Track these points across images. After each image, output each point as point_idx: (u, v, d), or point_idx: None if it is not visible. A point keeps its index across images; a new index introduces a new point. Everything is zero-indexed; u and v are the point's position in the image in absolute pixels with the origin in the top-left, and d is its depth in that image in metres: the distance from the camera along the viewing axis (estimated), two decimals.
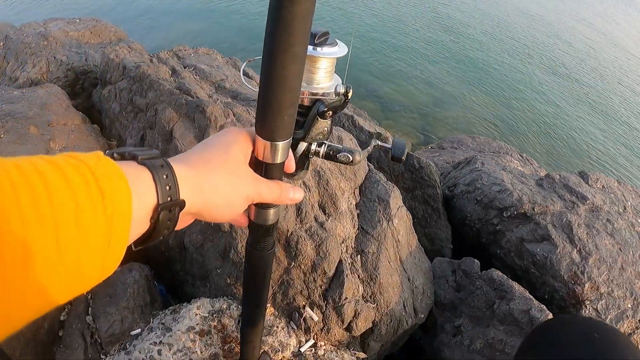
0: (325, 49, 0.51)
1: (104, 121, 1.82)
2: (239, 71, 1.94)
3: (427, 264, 1.42)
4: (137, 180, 0.33)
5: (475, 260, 1.49)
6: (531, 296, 1.31)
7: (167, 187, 0.35)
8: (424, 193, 1.66)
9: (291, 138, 0.50)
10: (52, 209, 0.25)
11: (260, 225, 0.66)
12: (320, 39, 0.52)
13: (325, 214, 1.24)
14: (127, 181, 0.31)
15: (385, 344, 1.25)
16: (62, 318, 1.33)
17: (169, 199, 0.35)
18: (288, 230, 1.16)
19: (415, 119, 4.44)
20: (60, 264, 0.26)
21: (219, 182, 0.41)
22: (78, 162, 0.28)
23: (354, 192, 1.36)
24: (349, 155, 0.60)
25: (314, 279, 1.14)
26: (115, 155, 0.36)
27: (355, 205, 1.33)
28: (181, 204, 0.37)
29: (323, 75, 0.54)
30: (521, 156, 2.55)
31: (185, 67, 1.86)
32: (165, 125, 1.35)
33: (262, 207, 0.60)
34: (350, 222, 1.26)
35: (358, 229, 1.27)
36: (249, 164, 0.47)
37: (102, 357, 1.19)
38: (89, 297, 1.25)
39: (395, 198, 1.40)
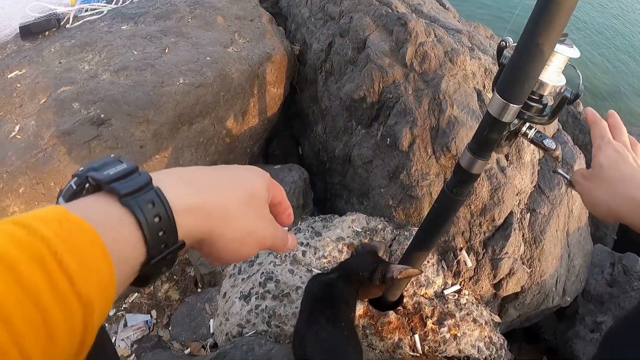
0: (563, 48, 0.72)
1: (290, 25, 2.10)
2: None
3: (589, 246, 1.62)
4: (117, 236, 0.33)
5: (639, 258, 1.66)
6: None
7: (160, 233, 0.35)
8: None
9: (520, 107, 0.73)
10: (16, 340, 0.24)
11: (465, 171, 0.89)
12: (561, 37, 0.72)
13: (507, 159, 1.43)
14: (104, 246, 0.30)
15: (523, 314, 1.50)
16: None
17: (162, 246, 0.36)
18: None
19: None
20: None
21: (234, 213, 0.42)
22: (33, 243, 0.27)
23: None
24: (552, 146, 0.80)
25: (480, 223, 1.37)
26: (89, 180, 0.36)
27: (538, 160, 1.50)
28: (180, 247, 0.38)
29: (555, 70, 0.75)
30: None
31: None
32: (359, 33, 1.54)
33: (476, 154, 0.84)
34: (530, 176, 1.45)
35: (535, 185, 1.47)
36: None
37: None
38: None
39: (580, 165, 1.56)
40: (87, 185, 0.36)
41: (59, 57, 1.79)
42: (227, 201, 0.42)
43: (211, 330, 1.44)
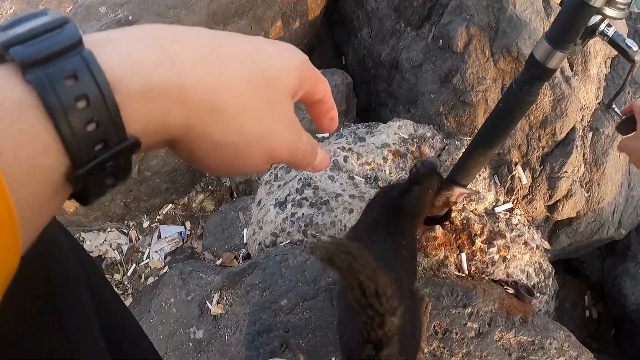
0: None
1: None
2: None
3: None
4: (11, 130, 0.20)
5: None
6: None
7: (90, 127, 0.22)
8: None
9: None
10: None
11: (540, 65, 0.77)
12: None
13: (572, 70, 1.29)
14: None
15: (574, 244, 1.40)
16: None
17: (98, 147, 0.23)
18: None
19: None
20: None
21: (231, 102, 0.27)
22: None
23: (606, 61, 1.38)
24: (634, 47, 0.70)
25: (539, 136, 1.25)
26: None
27: (605, 76, 1.36)
28: (131, 149, 0.25)
29: None
30: None
31: None
32: None
33: (556, 44, 0.73)
34: (595, 91, 1.32)
35: (600, 102, 1.33)
36: None
37: None
38: None
39: None
40: None
41: None
42: (222, 82, 0.27)
43: (244, 240, 1.36)
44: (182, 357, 1.19)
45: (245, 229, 1.35)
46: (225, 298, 1.24)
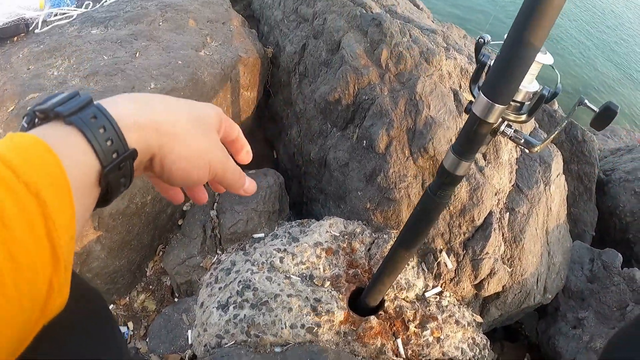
0: (539, 56, 0.72)
1: (263, 28, 2.07)
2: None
3: (569, 243, 1.61)
4: (66, 148, 0.35)
5: (619, 254, 1.66)
6: None
7: (109, 143, 0.37)
8: (579, 169, 1.80)
9: (505, 107, 0.72)
10: None
11: (450, 174, 0.87)
12: None
13: (485, 159, 1.41)
14: (47, 145, 0.33)
15: (505, 314, 1.48)
16: (185, 208, 1.62)
17: (114, 155, 0.38)
18: None
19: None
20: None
21: (182, 130, 0.44)
22: None
23: (516, 146, 1.51)
24: (530, 143, 0.80)
25: (459, 224, 1.34)
26: (37, 114, 0.37)
27: (516, 160, 1.48)
28: (132, 155, 0.39)
29: (529, 76, 0.75)
30: None
31: None
32: (333, 35, 1.50)
33: (461, 155, 0.83)
34: (508, 175, 1.43)
35: (513, 185, 1.45)
36: None
37: (219, 252, 1.48)
38: (217, 193, 1.51)
39: (557, 163, 1.55)
40: (36, 120, 0.38)
41: (28, 63, 1.72)
42: (176, 119, 0.44)
43: (189, 342, 1.38)
44: None
45: (189, 330, 1.38)
46: None
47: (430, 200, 0.95)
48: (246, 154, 0.56)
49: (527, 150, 0.83)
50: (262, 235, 1.40)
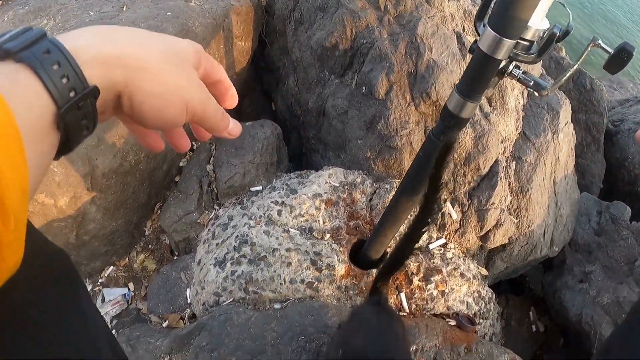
0: None
1: None
2: None
3: (576, 195, 1.56)
4: (15, 89, 0.31)
5: (627, 207, 1.61)
6: None
7: (64, 80, 0.33)
8: (588, 119, 1.74)
9: (515, 42, 0.67)
10: None
11: (454, 116, 0.81)
12: None
13: (490, 105, 1.34)
14: (2, 98, 0.29)
15: (510, 266, 1.44)
16: (181, 164, 1.56)
17: (71, 94, 0.34)
18: None
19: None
20: None
21: (153, 65, 0.39)
22: None
23: (523, 92, 1.43)
24: (540, 86, 0.74)
25: (464, 173, 1.28)
26: None
27: (522, 106, 1.41)
28: (93, 93, 0.35)
29: (540, 13, 0.69)
30: None
31: None
32: None
33: (466, 96, 0.76)
34: (514, 122, 1.37)
35: (520, 132, 1.38)
36: None
37: (216, 207, 1.43)
38: (213, 146, 1.45)
39: (566, 111, 1.48)
40: None
41: (13, 26, 1.65)
42: (146, 53, 0.39)
43: (188, 300, 1.34)
44: None
45: (188, 289, 1.34)
46: None
47: (433, 146, 0.89)
48: (231, 97, 0.50)
49: (536, 94, 0.76)
50: (259, 188, 1.34)
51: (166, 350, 1.21)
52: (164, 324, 1.36)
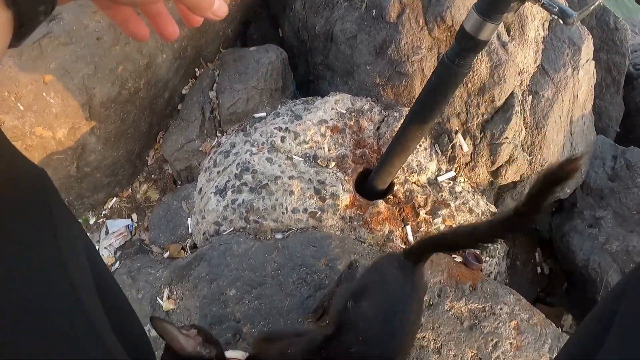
0: None
1: None
2: None
3: (593, 136, 1.50)
4: None
5: None
6: None
7: None
8: (609, 59, 1.66)
9: None
10: None
11: (471, 37, 0.74)
12: None
13: (509, 35, 1.26)
14: None
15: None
16: (184, 92, 1.51)
17: None
18: None
19: None
20: None
21: None
22: None
23: (544, 24, 1.35)
24: (566, 13, 0.67)
25: (477, 103, 1.22)
26: None
27: (542, 39, 1.33)
28: None
29: None
30: None
31: None
32: None
33: (486, 15, 0.70)
34: (533, 55, 1.29)
35: (539, 66, 1.31)
36: None
37: (218, 135, 1.38)
38: (217, 72, 1.39)
39: (588, 47, 1.40)
40: None
41: None
42: None
43: (189, 230, 1.32)
44: None
45: (189, 219, 1.31)
46: (175, 292, 1.20)
47: (447, 70, 0.83)
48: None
49: (560, 21, 0.70)
50: (263, 114, 1.29)
51: (166, 281, 1.20)
52: (165, 255, 1.34)
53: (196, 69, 1.55)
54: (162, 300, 1.18)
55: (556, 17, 0.70)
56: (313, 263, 1.11)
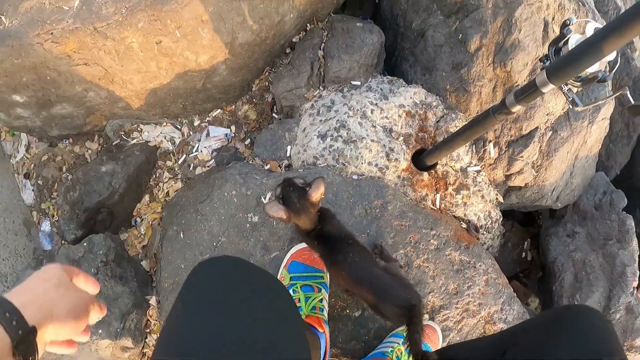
0: None
1: None
2: None
3: (591, 172, 2.31)
4: None
5: (625, 198, 2.29)
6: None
7: (13, 322, 0.59)
8: (630, 117, 2.43)
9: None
10: None
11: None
12: None
13: None
14: None
15: (520, 203, 2.24)
16: (294, 40, 2.31)
17: (20, 332, 0.60)
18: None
19: None
20: None
21: (55, 297, 0.70)
22: None
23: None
24: (575, 103, 1.23)
25: (510, 127, 2.05)
26: None
27: (575, 93, 2.14)
28: (32, 330, 0.62)
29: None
30: None
31: None
32: None
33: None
34: (563, 103, 2.09)
35: (565, 112, 2.11)
36: None
37: (320, 88, 2.22)
38: (325, 33, 2.16)
39: (607, 110, 2.11)
40: None
41: None
42: (46, 293, 0.71)
43: (287, 154, 2.17)
44: (240, 233, 1.75)
45: (289, 146, 2.08)
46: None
47: (488, 118, 1.65)
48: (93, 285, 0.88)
49: (570, 106, 1.28)
50: (358, 83, 2.06)
51: (270, 187, 1.78)
52: (266, 167, 2.08)
53: (307, 24, 2.15)
54: (265, 199, 1.78)
55: (569, 102, 1.16)
56: (373, 200, 1.77)
